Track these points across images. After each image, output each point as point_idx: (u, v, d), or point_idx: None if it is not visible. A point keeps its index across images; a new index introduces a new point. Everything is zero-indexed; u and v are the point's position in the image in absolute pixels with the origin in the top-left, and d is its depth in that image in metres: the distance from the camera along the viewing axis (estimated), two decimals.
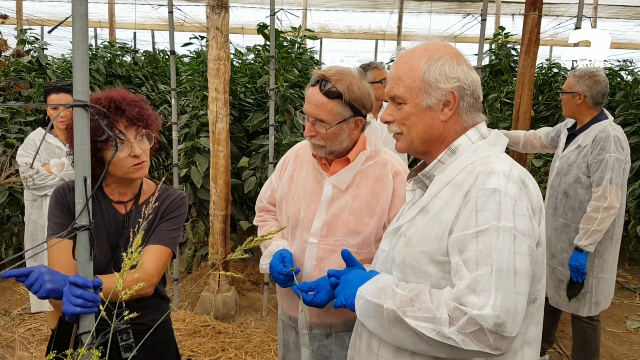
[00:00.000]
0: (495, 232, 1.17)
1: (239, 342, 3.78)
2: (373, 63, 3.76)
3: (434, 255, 1.27)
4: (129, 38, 11.29)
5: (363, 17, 12.48)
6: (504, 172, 1.23)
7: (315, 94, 1.80)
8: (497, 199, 1.19)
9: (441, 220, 1.27)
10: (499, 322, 1.12)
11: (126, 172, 1.72)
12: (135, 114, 1.71)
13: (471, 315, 1.13)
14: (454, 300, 1.17)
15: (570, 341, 3.86)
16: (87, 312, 1.23)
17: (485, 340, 1.14)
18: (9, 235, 4.76)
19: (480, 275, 1.16)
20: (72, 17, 1.10)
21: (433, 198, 1.32)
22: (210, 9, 3.75)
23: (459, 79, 1.33)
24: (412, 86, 1.34)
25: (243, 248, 1.24)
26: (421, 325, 1.19)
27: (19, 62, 5.43)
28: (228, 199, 4.09)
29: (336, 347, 1.94)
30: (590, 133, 3.08)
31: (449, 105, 1.34)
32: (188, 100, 4.78)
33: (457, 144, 1.35)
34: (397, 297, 1.26)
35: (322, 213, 1.89)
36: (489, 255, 1.16)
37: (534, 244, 1.22)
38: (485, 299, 1.13)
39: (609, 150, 2.96)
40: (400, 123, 1.38)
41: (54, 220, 1.71)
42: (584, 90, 3.10)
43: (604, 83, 3.11)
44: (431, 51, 1.35)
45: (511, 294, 1.14)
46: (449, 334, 1.15)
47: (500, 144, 1.38)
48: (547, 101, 5.88)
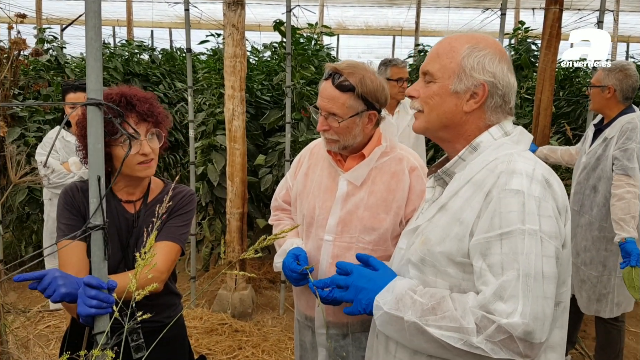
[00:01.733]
0: (521, 236, 1.13)
1: (256, 341, 3.77)
2: (394, 60, 3.70)
3: (454, 256, 1.24)
4: (147, 36, 11.37)
5: (380, 13, 12.40)
6: (527, 172, 1.19)
7: (327, 88, 1.78)
8: (521, 201, 1.15)
9: (462, 220, 1.23)
10: (529, 330, 1.09)
11: (133, 170, 1.71)
12: (146, 109, 1.70)
13: (500, 323, 1.10)
14: (481, 308, 1.14)
15: (593, 342, 3.79)
16: (102, 313, 1.22)
17: (515, 348, 1.11)
18: (29, 233, 4.81)
19: (506, 281, 1.12)
20: (85, 15, 1.08)
21: (453, 196, 1.29)
22: (227, 6, 3.74)
23: (495, 75, 1.29)
24: (447, 66, 1.30)
25: (255, 247, 1.22)
26: (446, 335, 1.16)
27: (37, 61, 5.48)
28: (245, 197, 4.08)
29: (353, 348, 1.92)
30: (616, 125, 3.01)
31: (476, 98, 1.30)
32: (205, 98, 4.78)
33: (479, 140, 1.31)
34: (418, 306, 1.23)
35: (337, 210, 1.87)
36: (515, 259, 1.13)
37: (560, 245, 1.18)
38: (513, 306, 1.10)
39: (635, 140, 2.90)
40: (424, 101, 1.34)
41: (63, 221, 1.70)
42: (614, 84, 3.04)
43: (635, 77, 3.05)
44: (477, 39, 1.32)
45: (539, 300, 1.11)
46: (477, 344, 1.12)
47: (524, 142, 1.34)
48: (568, 97, 5.77)
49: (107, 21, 12.35)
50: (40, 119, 4.77)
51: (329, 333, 1.92)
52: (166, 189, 1.87)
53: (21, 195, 4.46)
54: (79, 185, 1.75)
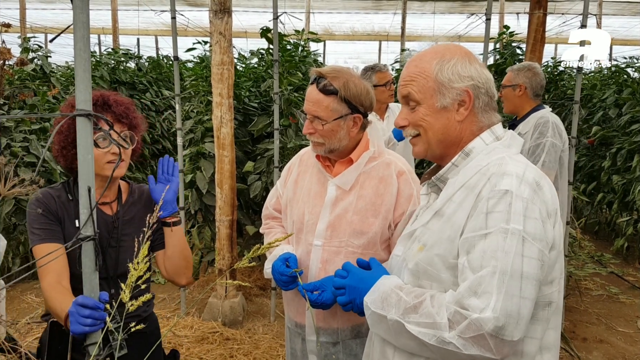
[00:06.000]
0: (503, 234, 1.14)
1: (247, 349, 3.75)
2: (377, 66, 3.72)
3: (447, 258, 1.25)
4: (133, 44, 11.32)
5: (366, 18, 12.48)
6: (517, 173, 1.21)
7: (312, 91, 1.82)
8: (508, 201, 1.16)
9: (453, 222, 1.25)
10: (499, 325, 1.09)
11: (101, 168, 1.72)
12: (121, 111, 1.76)
13: (471, 319, 1.11)
14: (455, 304, 1.15)
15: (582, 342, 3.83)
16: (96, 330, 1.25)
17: (486, 344, 1.11)
18: (16, 244, 4.76)
19: (482, 276, 1.13)
20: (73, 26, 1.07)
21: (447, 201, 1.30)
22: (213, 13, 3.74)
23: (473, 77, 1.31)
24: (425, 87, 1.32)
25: (249, 256, 1.22)
26: (422, 332, 1.17)
27: (23, 70, 5.44)
28: (234, 204, 4.07)
29: (344, 355, 1.92)
30: (530, 121, 3.23)
31: (465, 105, 1.31)
32: (192, 105, 4.77)
33: (471, 146, 1.33)
34: (402, 304, 1.24)
35: (326, 214, 1.88)
36: (493, 256, 1.14)
37: (546, 248, 1.19)
38: (486, 301, 1.11)
39: (547, 135, 3.07)
40: (416, 125, 1.35)
41: (37, 226, 1.70)
42: (525, 82, 3.24)
43: (542, 76, 3.28)
44: (442, 52, 1.33)
45: (515, 298, 1.11)
46: (449, 339, 1.13)
47: (516, 145, 1.35)
48: (553, 99, 5.83)
49: (92, 29, 12.27)
50: (27, 129, 4.73)
51: (319, 340, 1.92)
52: (132, 189, 1.95)
53: (8, 206, 4.41)
54: (50, 192, 1.77)
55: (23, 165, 4.44)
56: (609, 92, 5.71)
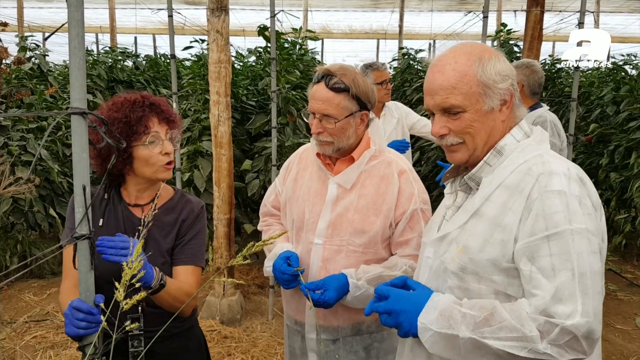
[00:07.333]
0: (570, 236, 1.14)
1: (245, 347, 3.75)
2: (374, 64, 3.71)
3: (499, 262, 1.23)
4: (130, 43, 11.31)
5: (364, 16, 12.48)
6: (563, 172, 1.20)
7: (320, 90, 1.79)
8: (565, 201, 1.16)
9: (504, 225, 1.23)
10: (592, 328, 1.11)
11: (156, 171, 1.67)
12: (166, 111, 1.70)
13: (563, 325, 1.11)
14: (541, 314, 1.14)
15: None
16: (90, 333, 1.25)
17: (580, 347, 1.12)
18: (14, 243, 4.75)
19: (563, 282, 1.13)
20: (68, 24, 1.07)
21: (485, 201, 1.28)
22: (210, 12, 3.73)
23: (510, 75, 1.30)
24: (470, 92, 1.27)
25: (244, 254, 1.21)
26: (508, 345, 1.14)
27: (20, 69, 5.43)
28: (232, 203, 4.07)
29: (344, 352, 1.92)
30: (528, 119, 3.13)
31: (506, 104, 1.31)
32: (190, 104, 4.77)
33: (502, 144, 1.31)
34: (469, 319, 1.20)
35: (327, 213, 1.87)
36: (567, 259, 1.13)
37: (602, 240, 1.20)
38: (573, 306, 1.11)
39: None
40: (462, 132, 1.30)
41: (69, 225, 1.69)
42: (522, 80, 3.16)
43: (540, 74, 3.19)
44: (477, 53, 1.29)
45: (596, 296, 1.13)
46: (544, 350, 1.12)
47: (546, 141, 1.35)
48: (551, 97, 5.84)
49: (89, 28, 12.29)
50: (24, 127, 4.73)
51: (319, 337, 1.92)
52: (175, 196, 1.81)
53: (5, 205, 4.41)
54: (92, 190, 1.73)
55: (20, 164, 4.44)
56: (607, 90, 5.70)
